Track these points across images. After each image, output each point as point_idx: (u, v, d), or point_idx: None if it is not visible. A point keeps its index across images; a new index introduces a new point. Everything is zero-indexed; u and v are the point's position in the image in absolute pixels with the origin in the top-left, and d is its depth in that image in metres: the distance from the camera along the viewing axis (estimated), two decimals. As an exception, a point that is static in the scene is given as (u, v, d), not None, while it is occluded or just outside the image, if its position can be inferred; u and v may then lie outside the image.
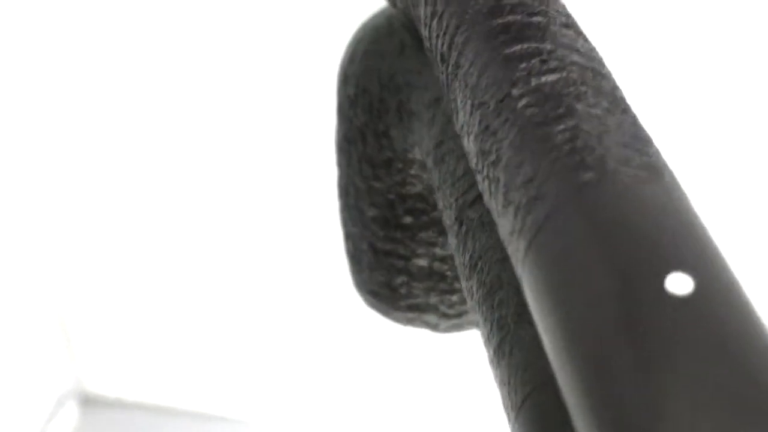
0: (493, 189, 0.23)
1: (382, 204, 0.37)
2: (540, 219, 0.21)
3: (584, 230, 0.20)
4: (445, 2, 0.28)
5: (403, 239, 0.37)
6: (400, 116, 0.34)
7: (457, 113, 0.26)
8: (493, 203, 0.23)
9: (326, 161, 0.39)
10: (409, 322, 0.39)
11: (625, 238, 0.19)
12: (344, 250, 0.40)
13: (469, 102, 0.25)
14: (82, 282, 0.64)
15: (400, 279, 0.38)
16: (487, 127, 0.24)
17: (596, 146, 0.21)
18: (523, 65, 0.24)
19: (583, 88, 0.23)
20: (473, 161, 0.25)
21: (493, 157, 0.23)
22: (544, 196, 0.21)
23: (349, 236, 0.39)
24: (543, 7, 0.27)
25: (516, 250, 0.22)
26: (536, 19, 0.26)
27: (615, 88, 0.24)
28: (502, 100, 0.24)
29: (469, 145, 0.25)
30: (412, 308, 0.38)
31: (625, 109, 0.23)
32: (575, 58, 0.25)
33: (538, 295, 0.20)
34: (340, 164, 0.38)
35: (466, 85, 0.26)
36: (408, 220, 0.36)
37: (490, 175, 0.23)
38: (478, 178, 0.24)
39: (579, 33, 0.26)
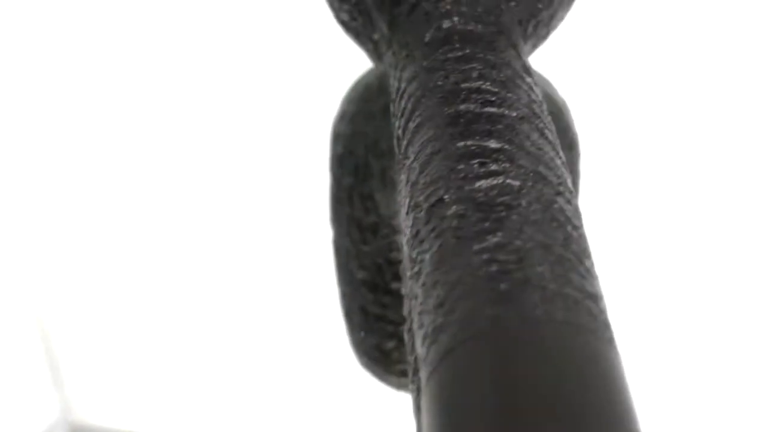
0: (412, 305, 0.22)
1: (371, 268, 0.35)
2: (441, 352, 0.19)
3: (475, 377, 0.18)
4: (408, 79, 0.27)
5: (392, 304, 0.35)
6: (384, 182, 0.33)
7: (400, 209, 0.25)
8: (413, 318, 0.22)
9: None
10: (403, 387, 0.38)
11: (511, 393, 0.17)
12: (340, 307, 0.38)
13: (407, 200, 0.24)
14: (69, 309, 0.64)
15: (391, 343, 0.36)
16: (417, 233, 0.22)
17: (513, 271, 0.20)
18: (462, 167, 0.23)
19: (518, 199, 0.21)
20: (405, 266, 0.23)
21: (416, 269, 0.22)
22: (448, 327, 0.19)
23: (343, 295, 0.38)
24: (503, 93, 0.25)
25: (422, 377, 0.20)
26: (489, 110, 0.24)
27: (556, 194, 0.22)
28: (433, 205, 0.22)
29: (403, 247, 0.23)
30: (405, 373, 0.37)
31: (561, 223, 0.21)
32: (520, 159, 0.23)
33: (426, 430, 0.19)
34: (332, 223, 0.36)
35: (408, 180, 0.24)
36: (396, 285, 0.35)
37: (413, 288, 0.22)
38: (408, 285, 0.23)
39: (534, 126, 0.24)
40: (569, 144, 0.34)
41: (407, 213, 0.23)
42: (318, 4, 0.34)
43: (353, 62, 0.36)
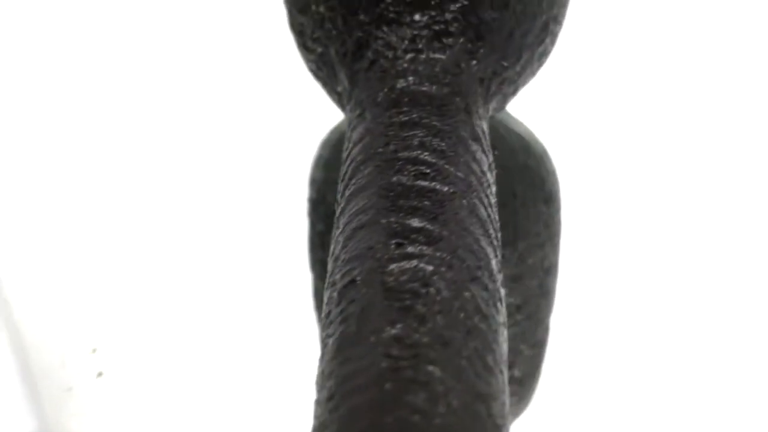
0: (315, 392, 0.21)
1: None
2: None
3: None
4: (354, 141, 0.26)
5: None
6: None
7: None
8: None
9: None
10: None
11: None
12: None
13: (328, 274, 0.23)
14: (45, 316, 0.63)
15: None
16: (328, 314, 0.22)
17: (403, 369, 0.19)
18: (379, 246, 0.22)
19: (427, 286, 0.21)
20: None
21: (321, 353, 0.21)
22: (331, 424, 0.19)
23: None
24: (439, 164, 0.24)
25: None
26: (420, 183, 0.24)
27: (471, 280, 0.22)
28: (346, 286, 0.22)
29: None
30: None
31: (468, 314, 0.21)
32: (440, 240, 0.22)
33: None
34: (310, 266, 0.36)
35: (333, 252, 0.24)
36: None
37: (316, 375, 0.21)
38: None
39: (466, 203, 0.23)
40: (545, 198, 0.33)
41: (326, 289, 0.23)
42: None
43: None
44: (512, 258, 0.33)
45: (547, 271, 0.34)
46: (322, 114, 0.35)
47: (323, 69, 0.30)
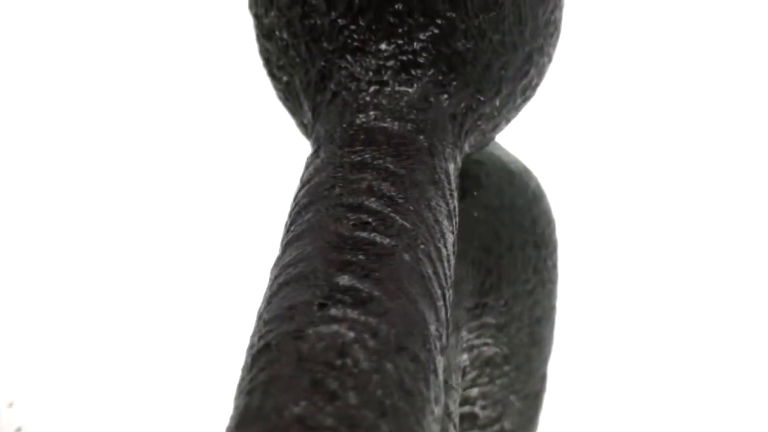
0: None
1: None
2: None
3: None
4: (303, 182, 0.24)
5: None
6: None
7: None
8: None
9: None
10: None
11: None
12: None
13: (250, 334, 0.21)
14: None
15: None
16: (241, 380, 0.20)
17: None
18: (301, 307, 0.20)
19: (343, 357, 0.19)
20: None
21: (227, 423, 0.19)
22: None
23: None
24: (384, 213, 0.22)
25: None
26: (359, 234, 0.21)
27: (397, 351, 0.19)
28: (260, 351, 0.20)
29: None
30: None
31: (387, 391, 0.18)
32: (368, 303, 0.20)
33: None
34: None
35: (258, 311, 0.21)
36: None
37: None
38: None
39: (407, 257, 0.21)
40: (535, 241, 0.31)
41: (246, 352, 0.21)
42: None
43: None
44: (497, 306, 0.30)
45: (539, 319, 0.32)
46: (303, 147, 0.33)
47: (290, 99, 0.28)
